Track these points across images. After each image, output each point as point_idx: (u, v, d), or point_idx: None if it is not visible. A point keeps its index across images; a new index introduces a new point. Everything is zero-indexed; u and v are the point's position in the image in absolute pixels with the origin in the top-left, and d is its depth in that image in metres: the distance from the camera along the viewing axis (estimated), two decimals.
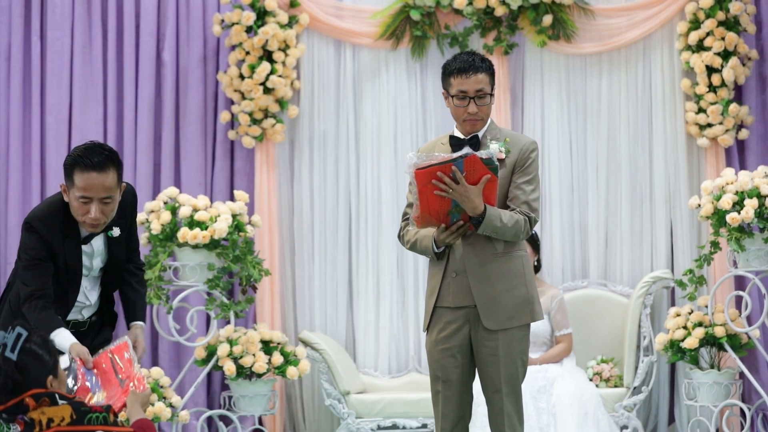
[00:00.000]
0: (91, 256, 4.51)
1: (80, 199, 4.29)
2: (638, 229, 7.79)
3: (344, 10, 7.92)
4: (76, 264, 4.47)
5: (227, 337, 7.20)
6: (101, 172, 4.28)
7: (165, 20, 7.80)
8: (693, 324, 7.18)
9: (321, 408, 7.75)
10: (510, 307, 4.63)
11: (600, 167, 7.84)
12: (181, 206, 7.12)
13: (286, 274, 7.86)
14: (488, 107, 4.69)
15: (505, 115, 7.76)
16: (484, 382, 4.70)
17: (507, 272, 4.64)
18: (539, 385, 6.87)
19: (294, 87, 7.83)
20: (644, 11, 7.80)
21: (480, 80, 4.66)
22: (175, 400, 7.08)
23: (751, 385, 7.31)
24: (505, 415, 4.66)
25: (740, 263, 7.04)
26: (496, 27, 7.78)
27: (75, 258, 4.45)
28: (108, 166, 4.28)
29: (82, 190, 4.27)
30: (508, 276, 4.65)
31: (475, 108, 4.65)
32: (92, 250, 4.50)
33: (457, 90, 4.67)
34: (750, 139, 7.73)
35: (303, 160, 7.90)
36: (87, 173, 4.26)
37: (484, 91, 4.66)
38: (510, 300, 4.64)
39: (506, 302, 4.62)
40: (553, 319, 7.21)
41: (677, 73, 7.78)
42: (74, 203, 4.32)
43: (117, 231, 4.49)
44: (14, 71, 7.66)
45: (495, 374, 4.67)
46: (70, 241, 4.43)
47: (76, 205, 4.32)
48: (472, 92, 4.66)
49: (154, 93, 7.78)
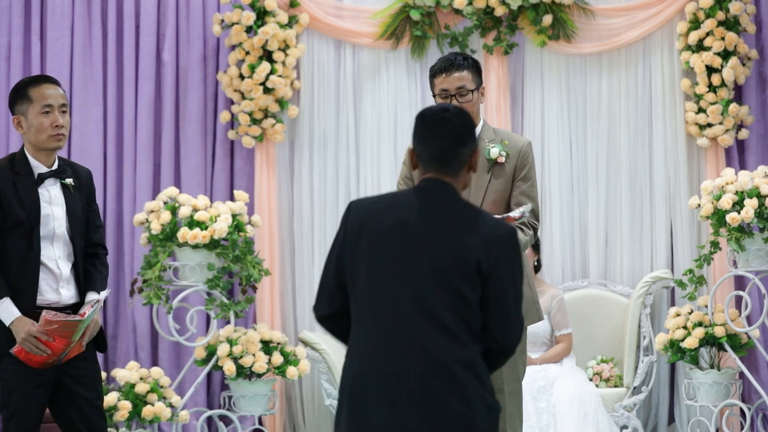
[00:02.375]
0: (50, 202, 4.61)
1: (44, 110, 4.59)
2: (638, 229, 7.79)
3: (344, 10, 7.92)
4: (36, 204, 4.56)
5: (227, 337, 7.20)
6: (53, 84, 4.67)
7: (165, 20, 7.80)
8: (693, 324, 7.18)
9: (321, 408, 7.75)
10: None
11: (600, 167, 7.84)
12: (181, 206, 7.12)
13: (286, 274, 7.86)
14: (473, 104, 4.70)
15: (505, 115, 7.76)
16: None
17: None
18: (539, 385, 6.87)
19: (294, 87, 7.83)
20: (644, 11, 7.80)
21: (461, 78, 4.69)
22: (175, 400, 7.09)
23: (751, 385, 7.31)
24: (507, 414, 4.67)
25: (740, 263, 7.04)
26: (496, 27, 7.78)
27: (33, 196, 4.57)
28: (56, 82, 4.69)
29: (44, 99, 4.59)
30: None
31: (457, 104, 4.62)
32: (50, 196, 4.62)
33: (439, 89, 4.73)
34: (750, 139, 7.73)
35: (303, 160, 7.90)
36: (42, 85, 4.63)
37: (465, 87, 4.69)
38: None
39: None
40: (553, 319, 7.21)
41: (677, 73, 7.78)
42: (36, 120, 4.60)
43: (70, 180, 4.67)
44: (14, 71, 7.66)
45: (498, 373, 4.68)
46: (22, 179, 4.58)
47: (40, 120, 4.58)
48: (453, 89, 4.69)
49: (154, 93, 7.78)
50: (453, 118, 3.54)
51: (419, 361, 3.37)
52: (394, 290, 3.43)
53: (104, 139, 7.74)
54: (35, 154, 4.64)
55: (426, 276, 3.43)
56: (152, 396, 7.00)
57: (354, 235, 3.51)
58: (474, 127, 3.59)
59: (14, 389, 4.49)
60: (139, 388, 6.98)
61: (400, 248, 3.46)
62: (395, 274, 3.44)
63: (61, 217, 4.64)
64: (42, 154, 4.65)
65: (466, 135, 3.55)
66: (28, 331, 4.45)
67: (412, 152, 3.59)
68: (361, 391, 3.42)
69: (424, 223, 3.48)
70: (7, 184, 4.57)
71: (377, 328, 3.43)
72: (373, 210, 3.54)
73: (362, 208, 3.56)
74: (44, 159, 4.65)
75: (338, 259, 3.53)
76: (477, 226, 3.50)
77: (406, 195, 3.57)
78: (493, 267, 3.45)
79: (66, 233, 4.64)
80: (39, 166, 4.64)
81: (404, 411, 3.37)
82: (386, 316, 3.42)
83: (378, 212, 3.53)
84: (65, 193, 4.66)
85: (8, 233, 4.56)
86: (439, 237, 3.46)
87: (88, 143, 7.71)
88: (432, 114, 3.56)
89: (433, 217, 3.49)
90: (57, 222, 4.62)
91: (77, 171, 4.74)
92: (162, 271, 7.08)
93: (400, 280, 3.44)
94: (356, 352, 3.45)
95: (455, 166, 3.54)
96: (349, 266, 3.50)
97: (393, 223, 3.49)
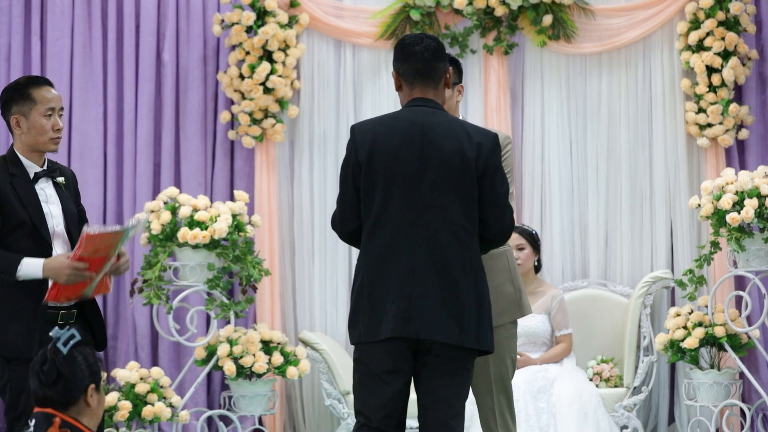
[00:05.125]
0: (47, 201, 4.61)
1: (47, 113, 4.59)
2: (638, 229, 7.79)
3: (344, 10, 7.92)
4: (36, 203, 4.56)
5: (227, 337, 7.20)
6: (52, 86, 4.69)
7: (165, 20, 7.80)
8: (693, 324, 7.18)
9: (321, 408, 7.75)
10: (498, 305, 4.60)
11: (600, 167, 7.83)
12: (181, 206, 7.12)
13: (286, 274, 7.86)
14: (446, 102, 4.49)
15: (505, 115, 7.76)
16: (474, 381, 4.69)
17: (492, 269, 4.61)
18: (539, 385, 6.87)
19: (294, 87, 7.83)
20: (644, 11, 7.80)
21: None
22: (175, 400, 7.09)
23: (751, 385, 7.31)
24: (497, 413, 4.67)
25: (740, 263, 7.04)
26: (496, 27, 7.78)
27: (32, 197, 4.57)
28: (52, 84, 4.72)
29: (47, 101, 4.60)
30: (494, 273, 4.63)
31: None
32: (46, 195, 4.62)
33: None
34: (750, 139, 7.73)
35: (303, 160, 7.90)
36: (43, 87, 4.63)
37: None
38: (497, 297, 4.61)
39: (494, 300, 4.56)
40: (553, 319, 7.21)
41: (677, 73, 7.78)
42: (38, 121, 4.60)
43: (62, 179, 4.69)
44: (14, 71, 7.65)
45: (484, 374, 4.68)
46: (18, 179, 4.58)
47: (41, 123, 4.59)
48: None
49: (154, 93, 7.78)
50: (428, 38, 4.21)
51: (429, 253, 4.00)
52: (409, 197, 4.02)
53: (104, 139, 7.74)
54: (28, 154, 4.65)
55: (435, 182, 4.03)
56: (152, 396, 7.00)
57: (366, 153, 4.07)
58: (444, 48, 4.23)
59: (23, 390, 4.48)
60: (139, 388, 6.98)
61: (411, 159, 4.05)
62: (408, 182, 4.03)
63: (58, 215, 4.65)
64: (35, 155, 4.66)
65: (441, 51, 4.23)
66: (68, 264, 4.44)
67: (397, 74, 4.21)
68: (377, 286, 4.05)
69: (427, 134, 4.08)
70: (5, 184, 4.57)
71: (390, 231, 4.03)
72: (380, 130, 4.12)
73: (366, 129, 4.15)
74: (36, 159, 4.66)
75: (353, 178, 4.10)
76: (468, 133, 4.15)
77: (403, 113, 4.17)
78: (486, 167, 4.12)
79: (64, 231, 4.66)
80: (32, 165, 4.65)
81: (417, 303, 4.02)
82: (402, 220, 4.03)
83: (384, 131, 4.11)
84: (58, 191, 4.68)
85: (9, 233, 4.56)
86: (442, 146, 4.07)
87: (88, 143, 7.71)
88: (411, 37, 4.23)
89: (431, 129, 4.09)
90: (56, 220, 4.63)
91: (63, 170, 4.77)
92: (162, 271, 7.08)
93: (413, 187, 4.03)
94: (371, 252, 4.07)
95: (435, 78, 4.19)
96: (365, 182, 4.07)
97: (401, 138, 4.07)
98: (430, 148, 4.09)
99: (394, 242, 4.06)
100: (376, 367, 4.12)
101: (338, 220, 4.21)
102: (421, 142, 4.08)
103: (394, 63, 4.23)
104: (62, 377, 3.43)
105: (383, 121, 4.19)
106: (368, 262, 4.11)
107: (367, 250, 4.10)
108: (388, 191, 4.06)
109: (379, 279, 4.08)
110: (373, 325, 4.10)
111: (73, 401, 3.45)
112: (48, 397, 3.45)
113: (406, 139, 4.08)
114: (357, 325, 4.15)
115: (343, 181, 4.18)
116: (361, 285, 4.12)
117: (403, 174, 4.06)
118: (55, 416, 3.42)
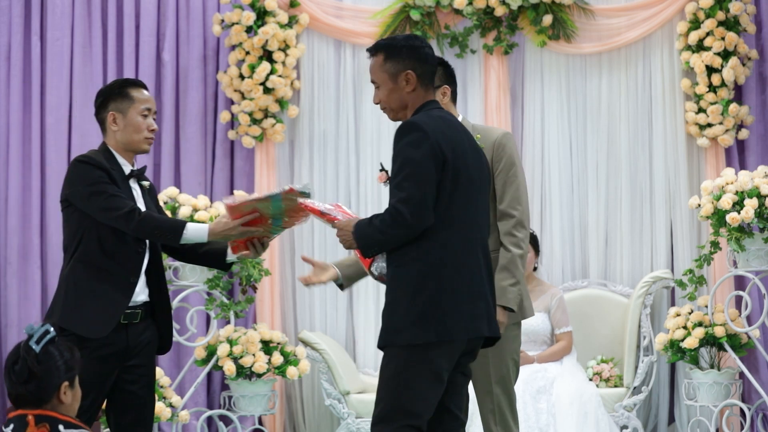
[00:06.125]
0: (137, 200, 4.59)
1: (143, 112, 4.62)
2: (638, 229, 7.79)
3: (344, 10, 7.93)
4: (133, 199, 4.53)
5: (227, 337, 7.21)
6: (147, 90, 4.72)
7: (165, 20, 7.80)
8: (693, 324, 7.18)
9: (321, 408, 7.75)
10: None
11: (600, 167, 7.84)
12: (181, 206, 7.13)
13: (286, 274, 7.87)
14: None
15: (505, 115, 7.76)
16: (474, 382, 4.69)
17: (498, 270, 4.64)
18: (539, 385, 6.87)
19: (294, 87, 7.83)
20: (644, 11, 7.80)
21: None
22: (175, 400, 7.09)
23: (751, 385, 7.31)
24: (497, 414, 4.67)
25: (740, 263, 7.04)
26: (496, 27, 7.78)
27: (129, 192, 4.56)
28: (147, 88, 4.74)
29: (145, 102, 4.63)
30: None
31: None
32: (136, 194, 4.61)
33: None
34: (750, 139, 7.73)
35: (303, 160, 7.90)
36: (141, 89, 4.67)
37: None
38: None
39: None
40: (552, 317, 7.21)
41: (677, 73, 7.78)
42: (135, 120, 4.61)
43: (148, 183, 4.71)
44: (14, 71, 7.66)
45: (485, 375, 4.67)
46: (117, 174, 4.56)
47: (138, 121, 4.61)
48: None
49: (154, 93, 7.78)
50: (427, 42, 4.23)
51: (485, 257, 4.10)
52: (472, 197, 4.06)
53: None
54: (122, 152, 4.63)
55: (482, 187, 4.13)
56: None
57: (449, 150, 3.99)
58: None
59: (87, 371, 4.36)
60: None
61: (474, 161, 4.09)
62: (472, 183, 4.06)
63: None
64: (128, 153, 4.64)
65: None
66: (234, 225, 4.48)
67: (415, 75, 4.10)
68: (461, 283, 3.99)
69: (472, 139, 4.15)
70: (115, 176, 4.54)
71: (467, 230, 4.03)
72: (445, 130, 4.04)
73: (433, 126, 4.02)
74: (129, 158, 4.65)
75: (436, 173, 3.97)
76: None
77: (446, 114, 4.14)
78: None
79: None
80: (126, 164, 4.63)
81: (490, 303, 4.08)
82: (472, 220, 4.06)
83: (451, 133, 4.05)
84: (143, 193, 4.66)
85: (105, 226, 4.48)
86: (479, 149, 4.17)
87: (88, 143, 7.69)
88: (419, 38, 4.20)
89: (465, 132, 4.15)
90: None
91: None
92: None
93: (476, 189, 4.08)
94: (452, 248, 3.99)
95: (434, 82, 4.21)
96: (452, 178, 4.00)
97: (465, 140, 4.10)
98: (479, 153, 4.15)
99: (469, 241, 4.02)
100: (440, 367, 3.94)
101: (421, 215, 3.93)
102: (475, 147, 4.13)
103: (408, 62, 4.08)
104: (34, 376, 3.37)
105: (442, 120, 4.06)
106: (451, 259, 3.96)
107: (446, 246, 3.96)
108: (466, 189, 4.03)
109: (462, 277, 3.97)
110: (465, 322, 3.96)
111: (47, 399, 3.40)
112: (21, 395, 3.40)
113: (468, 142, 4.10)
114: (434, 322, 3.95)
115: (427, 175, 3.94)
116: (440, 281, 3.96)
117: (469, 174, 4.05)
118: (27, 415, 3.38)
